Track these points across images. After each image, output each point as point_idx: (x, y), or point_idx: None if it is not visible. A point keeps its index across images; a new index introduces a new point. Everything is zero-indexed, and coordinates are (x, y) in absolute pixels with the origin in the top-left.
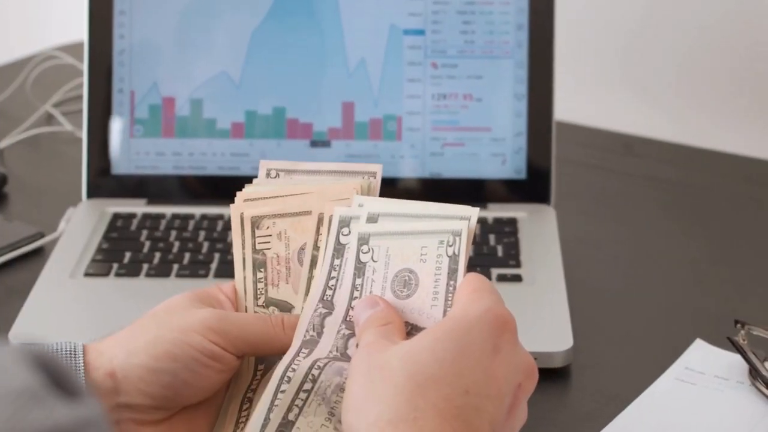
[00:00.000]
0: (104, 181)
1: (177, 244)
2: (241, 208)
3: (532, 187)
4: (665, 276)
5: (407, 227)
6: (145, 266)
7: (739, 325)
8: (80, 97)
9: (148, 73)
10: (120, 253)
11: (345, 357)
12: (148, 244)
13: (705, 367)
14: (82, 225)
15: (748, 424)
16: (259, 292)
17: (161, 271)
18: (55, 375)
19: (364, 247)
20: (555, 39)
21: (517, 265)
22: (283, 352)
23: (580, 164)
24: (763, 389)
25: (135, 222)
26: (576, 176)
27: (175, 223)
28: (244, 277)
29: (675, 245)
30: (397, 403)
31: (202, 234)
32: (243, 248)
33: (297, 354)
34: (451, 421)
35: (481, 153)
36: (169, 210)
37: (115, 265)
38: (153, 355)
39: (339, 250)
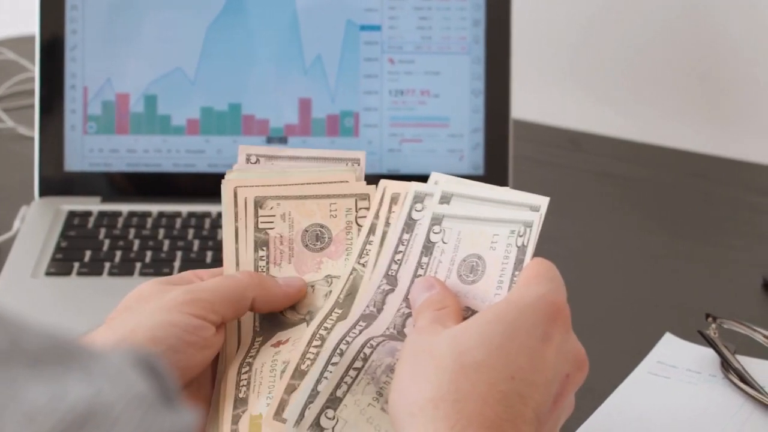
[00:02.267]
0: (57, 179)
1: (137, 242)
2: (233, 183)
3: (489, 182)
4: (625, 270)
5: (481, 213)
6: (107, 265)
7: (710, 319)
8: (23, 93)
9: (102, 69)
10: (80, 251)
11: (401, 335)
12: (107, 242)
13: (676, 361)
14: (37, 224)
15: (724, 416)
16: (260, 270)
17: (124, 269)
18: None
19: (436, 227)
20: (512, 35)
21: None
22: (266, 308)
23: (530, 160)
24: (737, 382)
25: (91, 220)
26: (527, 172)
27: (132, 221)
28: (236, 249)
29: (632, 240)
30: (439, 383)
31: (161, 232)
32: (235, 221)
33: (353, 326)
34: (494, 405)
35: (438, 149)
36: (125, 208)
37: (77, 264)
38: (136, 344)
39: (410, 225)
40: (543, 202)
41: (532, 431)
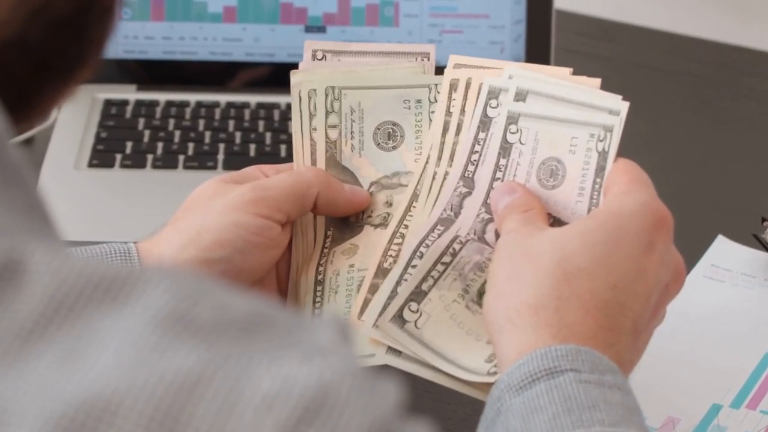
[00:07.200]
0: None
1: (178, 133)
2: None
3: None
4: (674, 169)
5: (558, 113)
6: (150, 157)
7: (766, 223)
8: None
9: None
10: (120, 142)
11: (482, 242)
12: (147, 133)
13: (730, 264)
14: (74, 113)
15: None
16: (330, 153)
17: (168, 162)
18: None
19: (512, 127)
20: None
21: None
22: (328, 209)
23: (564, 50)
24: None
25: (129, 110)
26: (563, 62)
27: (171, 111)
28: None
29: (677, 135)
30: (540, 289)
31: (201, 123)
32: (301, 121)
33: (432, 230)
34: (594, 313)
35: (479, 41)
36: (161, 97)
37: (119, 156)
38: (202, 247)
39: (485, 123)
40: (623, 106)
41: (630, 341)
